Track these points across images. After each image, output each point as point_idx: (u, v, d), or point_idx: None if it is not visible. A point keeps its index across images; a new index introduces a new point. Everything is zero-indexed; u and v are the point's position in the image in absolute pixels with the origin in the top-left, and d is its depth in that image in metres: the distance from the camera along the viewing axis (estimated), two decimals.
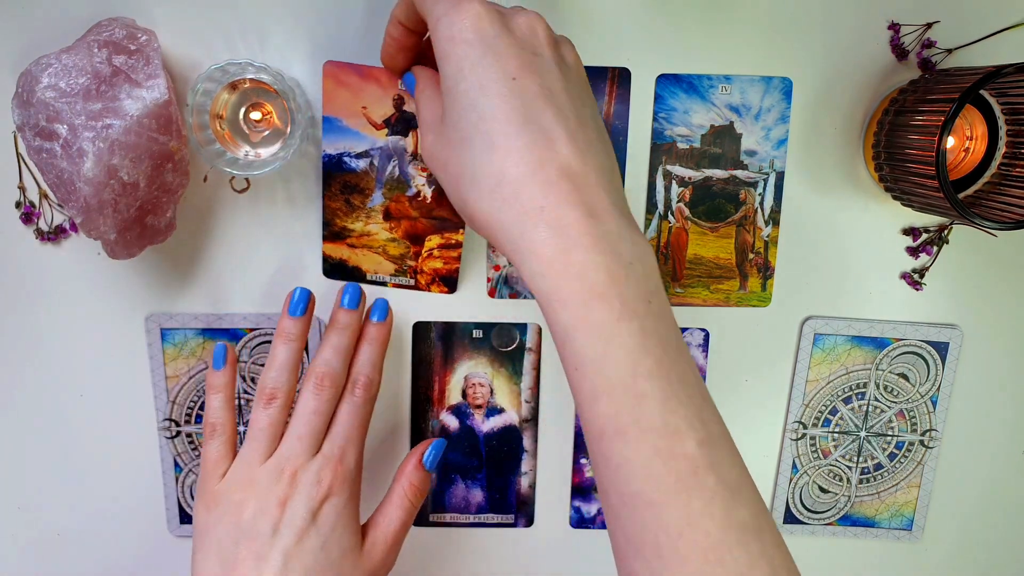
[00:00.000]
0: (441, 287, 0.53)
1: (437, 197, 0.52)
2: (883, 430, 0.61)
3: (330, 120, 0.51)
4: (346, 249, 0.53)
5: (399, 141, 0.51)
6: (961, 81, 0.47)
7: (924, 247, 0.58)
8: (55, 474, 0.60)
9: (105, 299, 0.57)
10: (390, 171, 0.51)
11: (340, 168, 0.51)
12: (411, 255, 0.53)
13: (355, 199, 0.52)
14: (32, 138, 0.47)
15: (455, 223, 0.52)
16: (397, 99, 0.50)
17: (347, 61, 0.50)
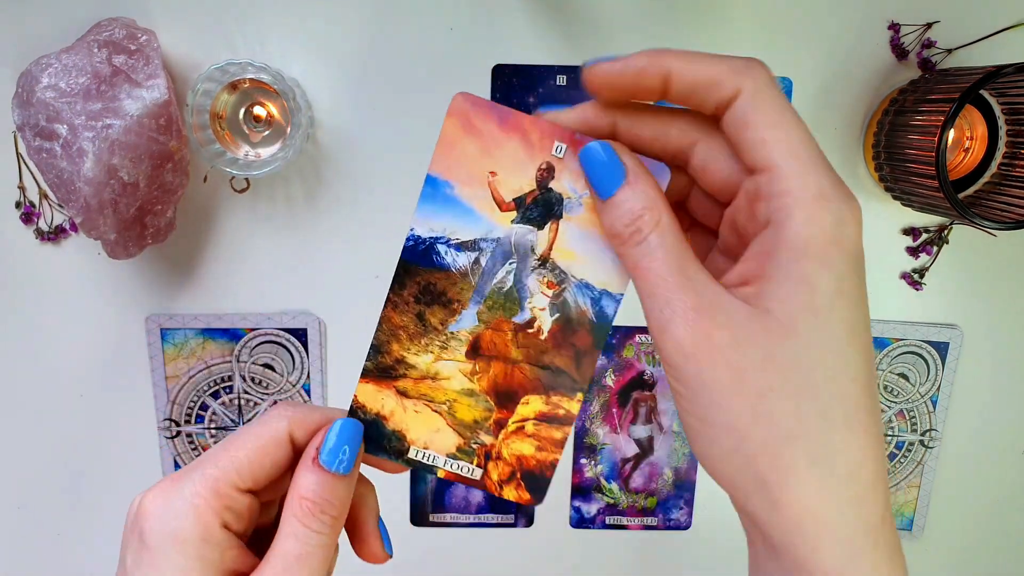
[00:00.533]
0: (521, 491, 0.33)
1: (558, 335, 0.32)
2: (883, 430, 0.61)
3: (435, 182, 0.31)
4: (392, 399, 0.32)
5: (528, 234, 0.32)
6: (961, 81, 0.47)
7: (924, 247, 0.58)
8: (55, 474, 0.60)
9: (105, 299, 0.57)
10: (500, 278, 0.32)
11: (427, 261, 0.32)
12: (490, 425, 0.33)
13: (434, 315, 0.32)
14: (32, 138, 0.47)
15: (574, 381, 0.32)
16: (545, 169, 0.31)
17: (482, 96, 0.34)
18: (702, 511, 0.63)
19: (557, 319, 0.32)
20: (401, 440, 0.32)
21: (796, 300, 0.25)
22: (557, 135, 0.30)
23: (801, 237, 0.25)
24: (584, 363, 0.32)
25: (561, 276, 0.31)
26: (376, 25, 0.53)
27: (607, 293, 0.31)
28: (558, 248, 0.31)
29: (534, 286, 0.32)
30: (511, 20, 0.53)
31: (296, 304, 0.57)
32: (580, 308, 0.31)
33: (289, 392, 0.59)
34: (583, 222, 0.31)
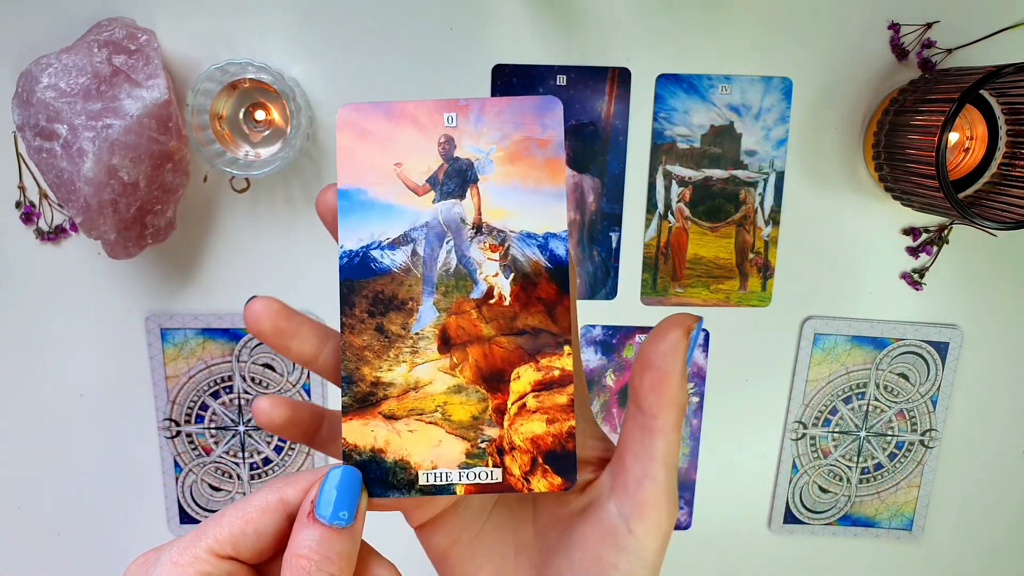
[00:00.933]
0: (550, 477, 0.30)
1: (521, 294, 0.31)
2: (883, 430, 0.61)
3: (347, 194, 0.31)
4: (383, 427, 0.30)
5: (453, 207, 0.31)
6: (961, 81, 0.47)
7: (924, 247, 0.58)
8: (55, 474, 0.60)
9: (105, 299, 0.57)
10: (443, 260, 0.31)
11: (366, 271, 0.31)
12: (490, 415, 0.30)
13: (393, 322, 0.31)
14: (32, 138, 0.47)
15: (555, 336, 0.31)
16: (444, 142, 0.31)
17: (365, 101, 0.35)
18: (702, 511, 0.63)
19: (514, 279, 0.31)
20: (406, 469, 0.30)
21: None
22: (443, 108, 0.31)
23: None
24: (558, 313, 0.30)
25: (500, 236, 0.31)
26: (376, 25, 0.53)
27: (551, 235, 0.30)
28: (486, 210, 0.31)
29: (478, 255, 0.31)
30: (511, 20, 0.53)
31: (296, 304, 0.57)
32: (532, 259, 0.31)
33: (289, 392, 0.59)
34: (500, 176, 0.31)
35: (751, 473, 0.62)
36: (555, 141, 0.31)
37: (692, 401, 0.61)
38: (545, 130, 0.31)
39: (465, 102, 0.31)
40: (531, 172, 0.31)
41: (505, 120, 0.31)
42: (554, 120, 0.31)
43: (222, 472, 0.60)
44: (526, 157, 0.31)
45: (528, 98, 0.31)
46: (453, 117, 0.31)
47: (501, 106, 0.31)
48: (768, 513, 0.63)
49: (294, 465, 0.61)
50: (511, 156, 0.31)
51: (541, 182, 0.31)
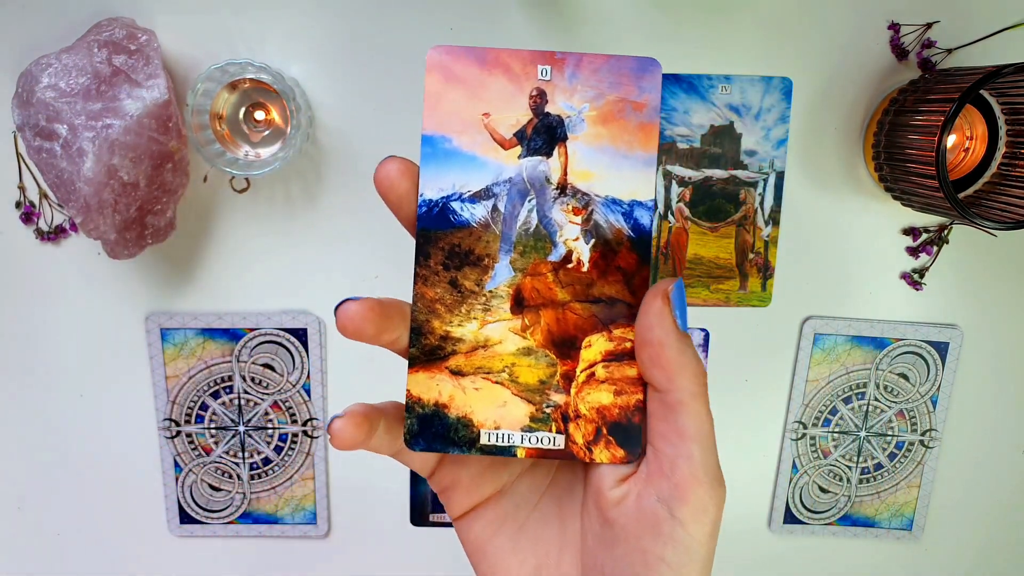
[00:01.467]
0: (613, 448, 0.29)
1: (600, 262, 0.30)
2: (883, 430, 0.61)
3: (431, 140, 0.30)
4: (448, 382, 0.29)
5: (539, 165, 0.30)
6: (961, 81, 0.47)
7: (924, 247, 0.58)
8: (55, 474, 0.60)
9: (105, 299, 0.57)
10: (523, 219, 0.30)
11: (444, 223, 0.30)
12: (558, 381, 0.30)
13: (467, 277, 0.30)
14: (32, 138, 0.47)
15: (631, 307, 0.30)
16: (536, 95, 0.30)
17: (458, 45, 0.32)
18: None
19: (594, 245, 0.30)
20: (469, 426, 0.29)
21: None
22: (538, 60, 0.29)
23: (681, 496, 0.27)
24: (636, 284, 0.29)
25: (585, 199, 0.29)
26: (376, 25, 0.53)
27: (637, 203, 0.29)
28: (573, 171, 0.30)
29: (560, 218, 0.30)
30: (511, 20, 0.53)
31: (296, 304, 0.57)
32: (615, 227, 0.30)
33: (289, 392, 0.59)
34: (590, 137, 0.29)
35: (751, 473, 0.62)
36: (651, 105, 0.29)
37: None
38: (642, 93, 0.29)
39: (561, 55, 0.29)
40: (623, 135, 0.29)
41: (601, 78, 0.29)
42: (652, 83, 0.29)
43: (222, 472, 0.61)
44: (619, 119, 0.29)
45: (627, 57, 0.29)
46: (548, 70, 0.29)
47: (598, 63, 0.29)
48: (768, 513, 0.63)
49: (294, 465, 0.61)
50: (604, 117, 0.29)
51: (632, 147, 0.29)
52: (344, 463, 0.61)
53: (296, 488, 0.61)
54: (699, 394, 0.27)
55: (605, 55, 0.29)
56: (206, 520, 0.61)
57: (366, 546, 0.62)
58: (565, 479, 0.31)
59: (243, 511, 0.61)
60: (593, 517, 0.29)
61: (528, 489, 0.31)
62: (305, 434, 0.60)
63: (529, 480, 0.31)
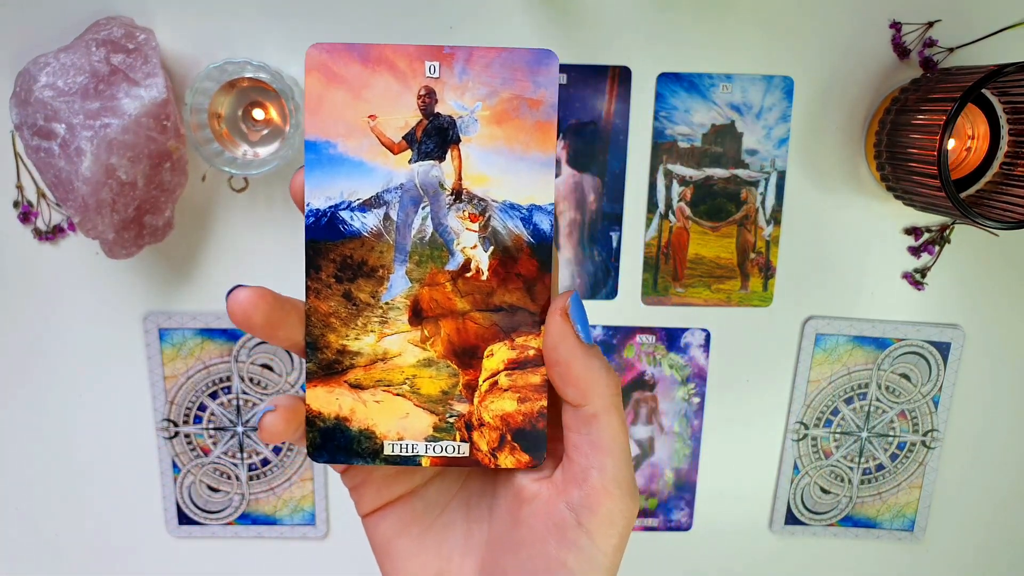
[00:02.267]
0: (518, 454, 0.29)
1: (500, 269, 0.29)
2: (885, 430, 0.61)
3: (315, 146, 0.28)
4: (348, 396, 0.29)
5: (431, 170, 0.28)
6: (963, 80, 0.47)
7: (926, 246, 0.57)
8: (54, 474, 0.60)
9: (103, 299, 0.57)
10: (418, 227, 0.29)
11: (334, 233, 0.28)
12: (460, 391, 0.29)
13: (361, 290, 0.29)
14: (30, 137, 0.47)
15: (532, 315, 0.29)
16: (425, 95, 0.28)
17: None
18: (703, 512, 0.62)
19: (493, 252, 0.29)
20: (371, 438, 0.29)
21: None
22: (425, 55, 0.27)
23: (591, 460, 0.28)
24: (537, 291, 0.29)
25: (481, 204, 0.28)
26: (376, 24, 0.53)
27: (536, 207, 0.28)
28: (467, 175, 0.28)
29: (456, 224, 0.29)
30: (511, 19, 0.53)
31: None
32: (513, 233, 0.29)
33: (288, 392, 0.59)
34: (484, 138, 0.28)
35: (752, 474, 0.62)
36: (548, 102, 0.28)
37: (693, 402, 0.60)
38: (537, 88, 0.28)
39: (450, 50, 0.27)
40: (519, 136, 0.28)
41: (494, 74, 0.28)
42: (548, 78, 0.28)
43: (221, 473, 0.60)
44: (514, 118, 0.28)
45: (521, 50, 0.28)
46: (436, 67, 0.28)
47: (490, 57, 0.28)
48: (769, 514, 0.63)
49: (292, 466, 0.60)
50: (498, 116, 0.28)
51: (529, 147, 0.28)
52: None
53: (295, 489, 0.61)
54: (612, 407, 0.27)
55: (497, 48, 0.28)
56: (205, 521, 0.61)
57: (365, 547, 0.62)
58: (476, 484, 0.31)
59: (242, 512, 0.61)
60: (502, 520, 0.29)
61: (437, 493, 0.31)
62: None
63: (439, 484, 0.31)
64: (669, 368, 0.59)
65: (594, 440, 0.27)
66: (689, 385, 0.60)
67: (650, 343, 0.59)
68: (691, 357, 0.59)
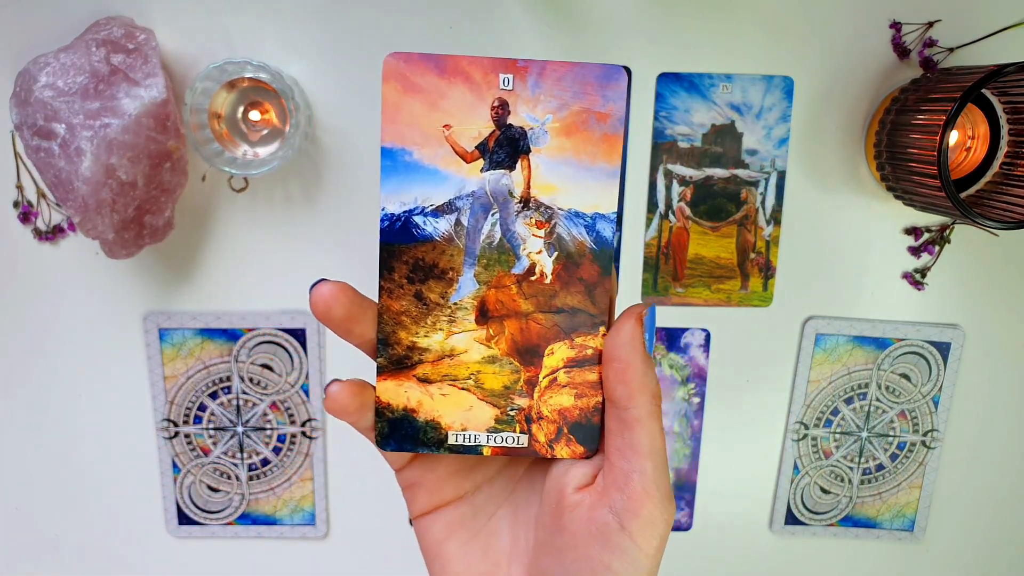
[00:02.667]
0: (573, 445, 0.31)
1: (563, 273, 0.30)
2: (885, 430, 0.61)
3: (391, 153, 0.29)
4: (416, 389, 0.31)
5: (501, 178, 0.30)
6: (963, 80, 0.47)
7: (926, 246, 0.57)
8: (54, 474, 0.60)
9: (103, 299, 0.57)
10: (487, 233, 0.31)
11: (407, 237, 0.30)
12: (521, 387, 0.31)
13: (432, 290, 0.31)
14: (30, 137, 0.47)
15: (592, 316, 0.31)
16: (498, 106, 0.29)
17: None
18: (703, 512, 0.62)
19: (557, 257, 0.30)
20: (437, 428, 0.31)
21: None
22: (500, 68, 0.29)
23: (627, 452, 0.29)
24: (597, 294, 0.30)
25: (548, 212, 0.30)
26: (376, 24, 0.53)
27: (600, 215, 0.30)
28: (536, 184, 0.30)
29: (523, 231, 0.30)
30: (511, 19, 0.53)
31: (295, 304, 0.57)
32: (577, 239, 0.30)
33: (288, 393, 0.59)
34: (553, 149, 0.29)
35: (752, 474, 0.62)
36: (616, 115, 0.29)
37: (693, 402, 0.60)
38: (606, 102, 0.29)
39: (524, 63, 0.29)
40: (586, 147, 0.29)
41: (565, 87, 0.29)
42: (617, 92, 0.29)
43: (220, 473, 0.60)
44: (583, 130, 0.29)
45: (592, 65, 0.29)
46: (510, 79, 0.29)
47: (562, 71, 0.29)
48: (769, 514, 0.63)
49: (293, 466, 0.60)
50: (567, 128, 0.29)
51: (596, 158, 0.30)
52: (343, 464, 0.61)
53: (295, 489, 0.61)
54: (655, 414, 0.29)
55: (570, 63, 0.29)
56: (205, 521, 0.61)
57: (365, 547, 0.62)
58: (523, 493, 0.32)
59: (242, 512, 0.61)
60: (547, 526, 0.30)
61: (486, 500, 0.32)
62: (304, 435, 0.60)
63: (488, 491, 0.32)
64: (669, 368, 0.59)
65: (636, 444, 0.28)
66: (689, 385, 0.60)
67: None
68: (691, 357, 0.59)
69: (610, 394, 0.29)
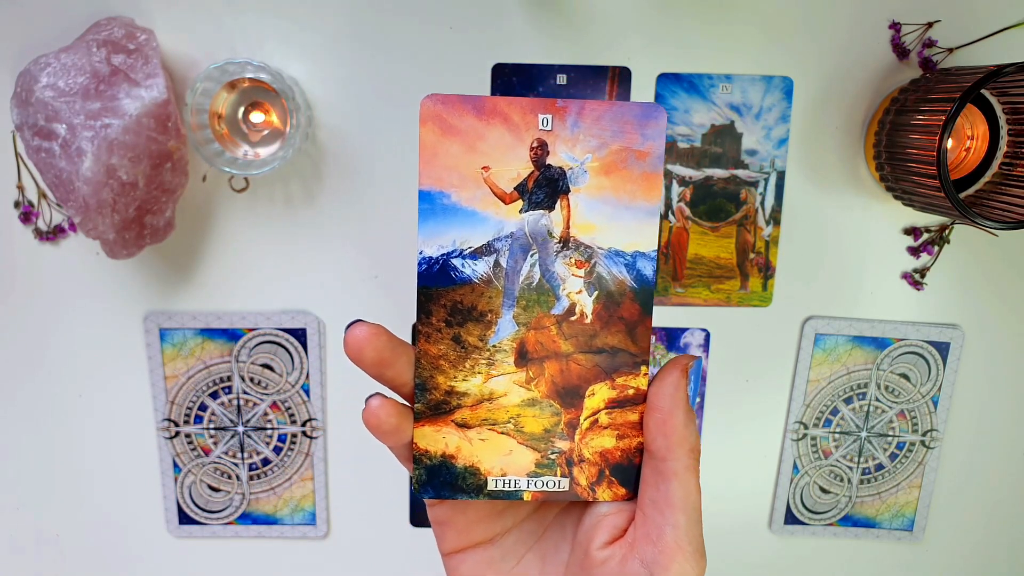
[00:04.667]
0: (615, 488, 0.30)
1: (603, 313, 0.30)
2: (884, 430, 0.61)
3: (430, 196, 0.29)
4: (454, 435, 0.30)
5: (541, 219, 0.29)
6: (962, 80, 0.47)
7: (925, 247, 0.58)
8: (55, 474, 0.60)
9: (104, 299, 0.57)
10: (526, 274, 0.30)
11: (446, 280, 0.30)
12: (562, 430, 0.30)
13: (470, 333, 0.30)
14: (31, 137, 0.47)
15: (633, 356, 0.30)
16: (537, 147, 0.29)
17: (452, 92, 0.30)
18: (703, 512, 0.62)
19: (597, 297, 0.30)
20: (476, 474, 0.30)
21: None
22: (539, 108, 0.29)
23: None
24: (638, 333, 0.30)
25: (588, 252, 0.29)
26: (376, 24, 0.53)
27: (640, 254, 0.30)
28: (576, 224, 0.29)
29: (563, 271, 0.30)
30: (511, 19, 0.53)
31: (295, 304, 0.57)
32: (617, 278, 0.30)
33: (288, 393, 0.59)
34: (592, 189, 0.29)
35: (752, 474, 0.62)
36: (655, 154, 0.29)
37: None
38: (645, 141, 0.29)
39: (563, 103, 0.29)
40: (626, 186, 0.29)
41: (604, 127, 0.29)
42: (656, 131, 0.29)
43: (221, 473, 0.60)
44: (622, 169, 0.29)
45: (631, 104, 0.29)
46: (548, 120, 0.29)
47: (601, 111, 0.29)
48: (769, 514, 0.63)
49: (293, 466, 0.60)
50: (607, 167, 0.29)
51: (635, 197, 0.29)
52: (344, 464, 0.61)
53: (295, 489, 0.61)
54: (693, 468, 0.28)
55: (609, 102, 0.29)
56: (205, 521, 0.61)
57: (366, 547, 0.62)
58: (552, 538, 0.32)
59: (242, 512, 0.61)
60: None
61: (516, 542, 0.32)
62: (304, 435, 0.60)
63: (518, 534, 0.32)
64: None
65: (671, 497, 0.28)
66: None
67: (653, 343, 0.59)
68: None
69: (649, 444, 0.29)
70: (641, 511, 0.29)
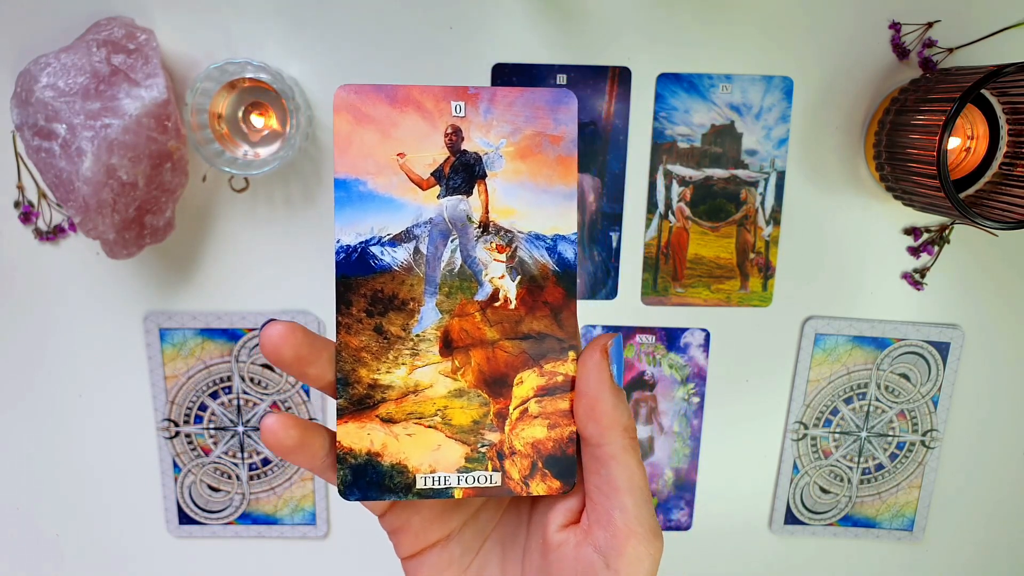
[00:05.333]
0: (549, 480, 0.29)
1: (528, 298, 0.30)
2: (884, 430, 0.61)
3: (345, 184, 0.29)
4: (380, 431, 0.29)
5: (459, 204, 0.29)
6: (962, 80, 0.47)
7: (925, 247, 0.58)
8: (55, 474, 0.60)
9: (104, 299, 0.57)
10: (447, 260, 0.30)
11: (365, 268, 0.29)
12: (491, 420, 0.29)
13: (392, 323, 0.29)
14: (31, 137, 0.47)
15: (560, 341, 0.30)
16: (452, 132, 0.29)
17: (367, 83, 0.30)
18: (703, 512, 0.62)
19: (520, 282, 0.30)
20: (403, 472, 0.29)
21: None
22: (451, 95, 0.29)
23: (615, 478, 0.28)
24: (564, 318, 0.30)
25: (508, 236, 0.29)
26: (376, 24, 0.53)
27: (560, 237, 0.30)
28: (495, 208, 0.29)
29: (484, 256, 0.30)
30: (511, 19, 0.53)
31: (295, 304, 0.57)
32: (539, 262, 0.30)
33: (288, 392, 0.59)
34: (509, 174, 0.29)
35: (752, 474, 0.62)
36: (568, 138, 0.29)
37: (693, 402, 0.60)
38: (558, 125, 0.29)
39: (475, 90, 0.29)
40: (542, 170, 0.29)
41: (517, 112, 0.29)
42: (568, 115, 0.29)
43: (221, 472, 0.60)
44: (537, 154, 0.29)
45: (541, 90, 0.29)
46: (462, 106, 0.29)
47: (512, 97, 0.29)
48: (769, 514, 0.63)
49: (293, 466, 0.60)
50: (522, 152, 0.29)
51: (552, 181, 0.29)
52: None
53: (295, 489, 0.61)
54: (630, 448, 0.28)
55: (519, 88, 0.29)
56: (205, 521, 0.61)
57: (365, 547, 0.62)
58: (509, 525, 0.31)
59: (242, 512, 0.61)
60: (534, 563, 0.29)
61: (473, 535, 0.31)
62: None
63: (474, 526, 0.31)
64: (669, 368, 0.59)
65: (612, 481, 0.27)
66: (689, 385, 0.60)
67: (650, 343, 0.59)
68: (691, 357, 0.59)
69: (582, 431, 0.28)
70: (589, 497, 0.28)
